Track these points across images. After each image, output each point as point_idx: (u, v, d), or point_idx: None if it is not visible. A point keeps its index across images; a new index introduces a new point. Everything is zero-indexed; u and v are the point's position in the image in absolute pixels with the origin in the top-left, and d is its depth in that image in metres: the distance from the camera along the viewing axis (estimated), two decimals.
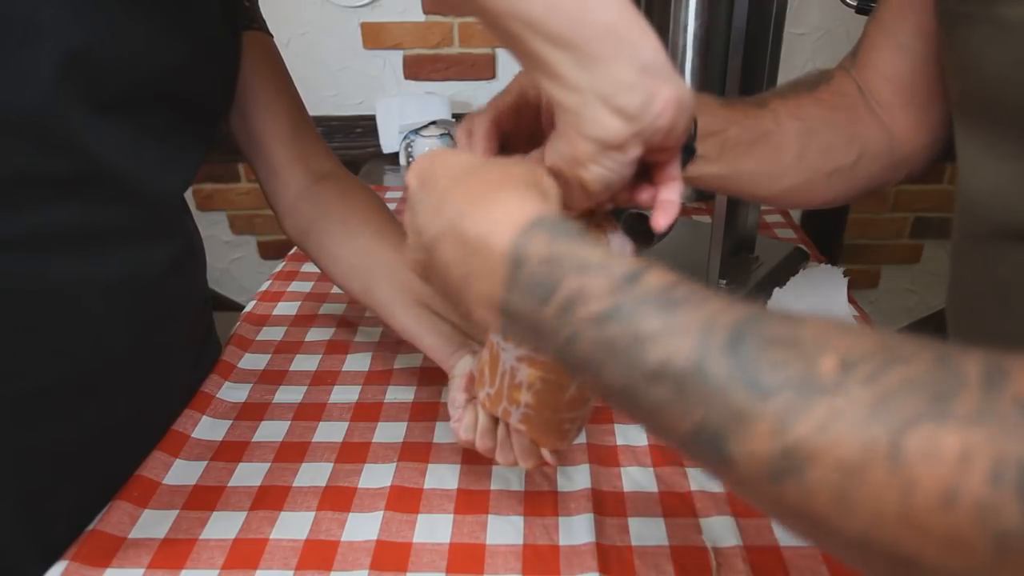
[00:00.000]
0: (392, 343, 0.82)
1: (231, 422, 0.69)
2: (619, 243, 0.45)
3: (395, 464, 0.63)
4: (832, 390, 0.24)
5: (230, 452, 0.65)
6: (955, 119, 0.52)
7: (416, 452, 0.64)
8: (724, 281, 0.85)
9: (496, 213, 0.34)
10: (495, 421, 0.54)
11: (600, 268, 0.30)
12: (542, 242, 0.32)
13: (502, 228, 0.33)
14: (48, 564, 0.52)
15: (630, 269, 0.30)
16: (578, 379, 0.35)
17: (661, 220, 0.41)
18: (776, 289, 0.87)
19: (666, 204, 0.41)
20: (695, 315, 0.27)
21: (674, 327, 0.27)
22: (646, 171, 0.41)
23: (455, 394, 0.57)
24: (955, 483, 0.21)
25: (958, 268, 0.54)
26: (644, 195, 0.41)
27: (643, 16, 0.35)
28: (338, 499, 0.59)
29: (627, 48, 0.34)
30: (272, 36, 0.72)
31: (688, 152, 0.51)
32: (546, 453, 0.52)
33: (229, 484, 0.61)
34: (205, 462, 0.64)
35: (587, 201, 0.39)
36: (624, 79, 0.34)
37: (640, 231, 0.46)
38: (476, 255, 0.34)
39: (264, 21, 0.71)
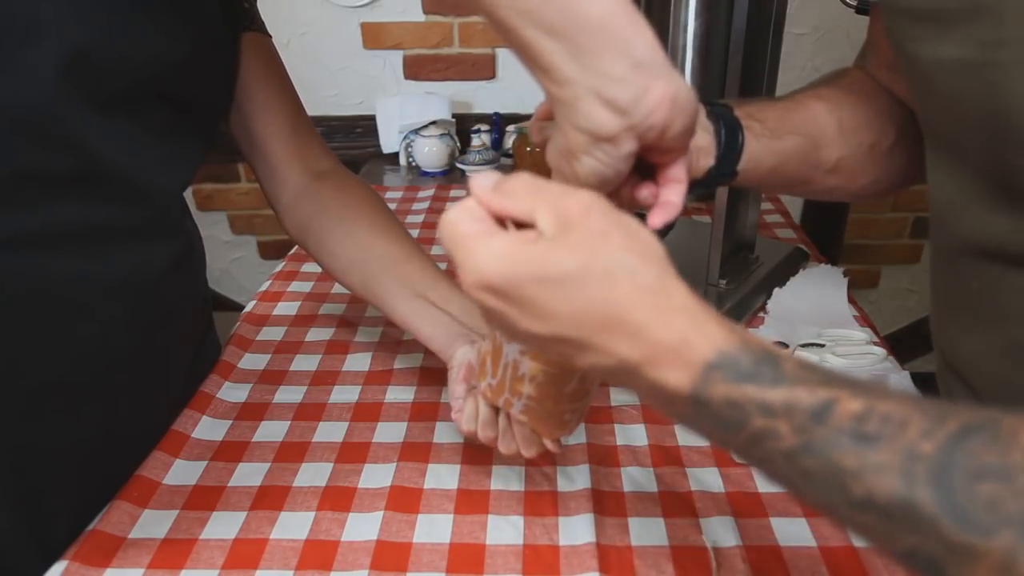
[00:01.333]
0: (392, 343, 0.82)
1: (231, 422, 0.69)
2: None
3: (395, 464, 0.63)
4: None
5: (230, 452, 0.65)
6: (923, 133, 0.52)
7: (416, 452, 0.64)
8: (724, 281, 0.85)
9: (661, 352, 0.31)
10: (496, 411, 0.55)
11: (786, 410, 0.29)
12: (722, 386, 0.30)
13: (676, 374, 0.31)
14: (48, 564, 0.52)
15: (817, 404, 0.29)
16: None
17: (657, 218, 0.41)
18: (776, 289, 0.87)
19: (666, 204, 0.41)
20: (894, 449, 0.27)
21: (873, 464, 0.27)
22: (651, 172, 0.41)
23: (454, 386, 0.58)
24: None
25: (936, 281, 0.54)
26: (645, 191, 0.41)
27: (641, 14, 0.35)
28: (338, 499, 0.59)
29: (619, 42, 0.34)
30: (271, 37, 0.72)
31: (727, 173, 0.53)
32: (547, 442, 0.53)
33: (229, 484, 0.61)
34: (205, 462, 0.64)
35: None
36: (615, 73, 0.34)
37: None
38: (650, 391, 0.33)
39: (263, 22, 0.72)
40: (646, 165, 0.40)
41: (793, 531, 0.55)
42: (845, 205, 1.57)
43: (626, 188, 0.41)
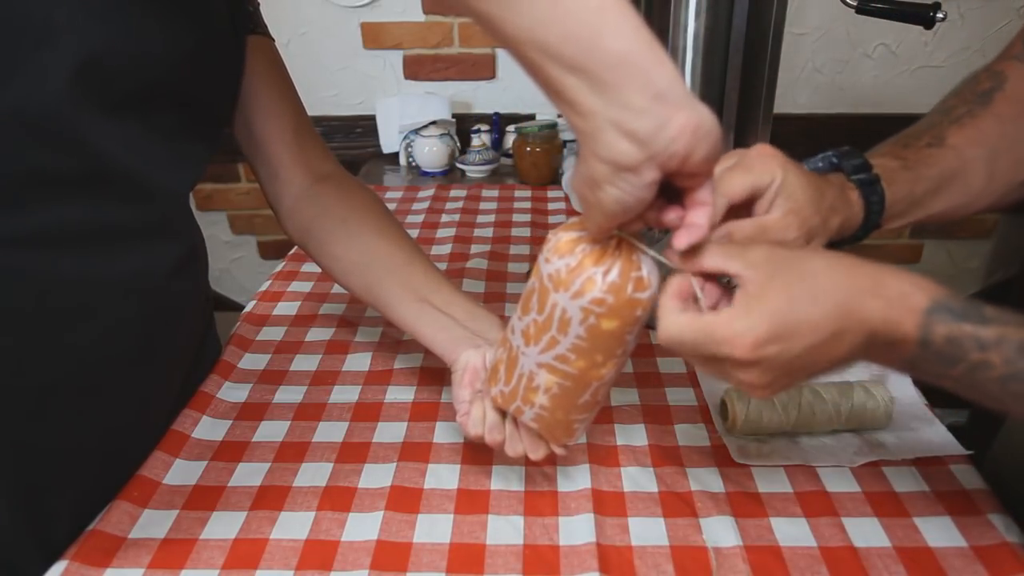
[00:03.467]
0: (392, 343, 0.82)
1: (231, 422, 0.69)
2: (649, 265, 0.45)
3: (395, 464, 0.63)
4: None
5: (230, 452, 0.65)
6: None
7: (416, 452, 0.64)
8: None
9: (890, 308, 0.40)
10: (503, 415, 0.55)
11: (997, 344, 0.38)
12: (943, 326, 0.39)
13: (907, 320, 0.39)
14: (48, 564, 0.53)
15: (1022, 340, 0.37)
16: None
17: (683, 240, 0.42)
18: None
19: (692, 226, 0.42)
20: None
21: None
22: (678, 195, 0.42)
23: (459, 390, 0.58)
24: None
25: None
26: (671, 215, 0.42)
27: (659, 44, 0.36)
28: (338, 499, 0.59)
29: (640, 75, 0.35)
30: (274, 40, 0.72)
31: (871, 227, 0.54)
32: (554, 446, 0.54)
33: (229, 484, 0.61)
34: (205, 462, 0.64)
35: (607, 221, 0.41)
36: (636, 104, 0.35)
37: None
38: (887, 347, 0.41)
39: (266, 26, 0.72)
40: (672, 188, 0.41)
41: (793, 531, 0.55)
42: None
43: (652, 211, 0.42)
